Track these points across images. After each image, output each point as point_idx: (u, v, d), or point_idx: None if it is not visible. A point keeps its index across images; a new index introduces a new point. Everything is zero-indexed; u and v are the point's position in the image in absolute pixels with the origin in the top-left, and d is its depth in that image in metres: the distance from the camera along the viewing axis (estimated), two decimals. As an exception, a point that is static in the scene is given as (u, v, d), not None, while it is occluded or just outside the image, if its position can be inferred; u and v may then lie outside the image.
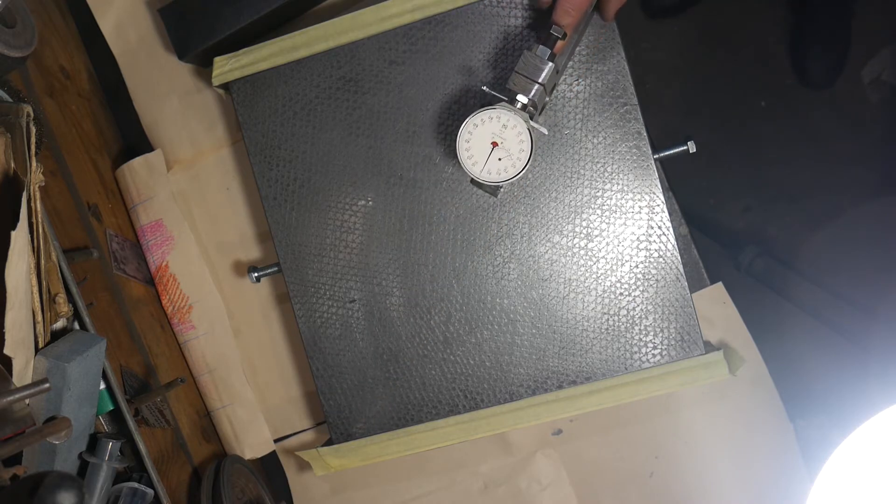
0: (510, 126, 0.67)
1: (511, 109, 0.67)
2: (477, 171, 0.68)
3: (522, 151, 0.67)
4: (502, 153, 0.67)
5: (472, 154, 0.68)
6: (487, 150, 0.68)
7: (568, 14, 0.67)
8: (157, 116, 0.94)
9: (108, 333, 0.79)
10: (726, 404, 0.89)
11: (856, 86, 1.61)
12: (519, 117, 0.67)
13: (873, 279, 1.47)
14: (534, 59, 0.66)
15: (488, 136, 0.67)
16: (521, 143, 0.67)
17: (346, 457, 0.83)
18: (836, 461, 0.64)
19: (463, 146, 0.68)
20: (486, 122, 0.67)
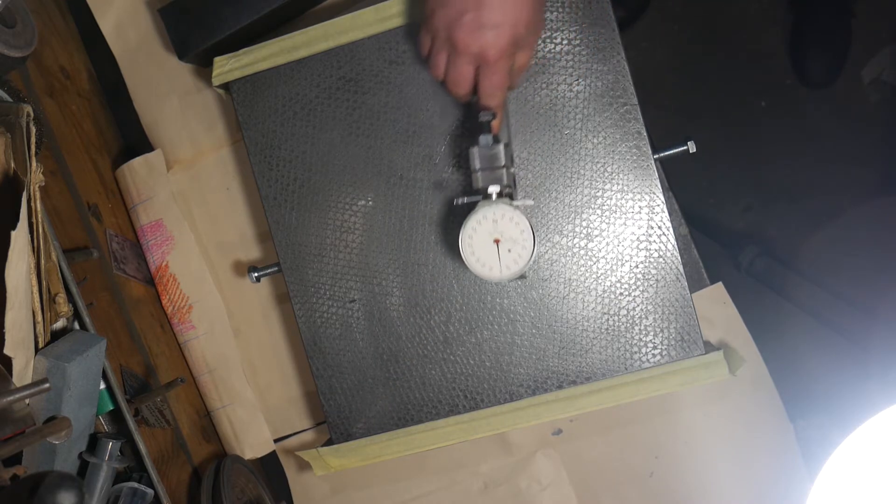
0: (500, 218, 0.68)
1: (492, 203, 0.68)
2: (497, 274, 0.69)
3: (523, 232, 0.68)
4: (508, 244, 0.68)
5: (485, 261, 0.69)
6: (494, 250, 0.69)
7: (493, 97, 0.68)
8: (157, 116, 0.94)
9: (108, 333, 0.79)
10: (726, 404, 0.89)
11: (856, 86, 1.61)
12: (503, 206, 0.68)
13: (873, 279, 1.47)
14: (483, 150, 0.67)
15: (488, 238, 0.68)
16: (517, 226, 0.68)
17: (346, 457, 0.83)
18: (836, 461, 0.64)
19: (472, 260, 0.69)
20: (478, 228, 0.68)
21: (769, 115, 1.65)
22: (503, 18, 0.63)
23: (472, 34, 0.63)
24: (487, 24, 0.62)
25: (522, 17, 0.63)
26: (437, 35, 0.67)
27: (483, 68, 0.66)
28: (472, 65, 0.66)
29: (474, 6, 0.62)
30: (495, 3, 0.62)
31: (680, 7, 1.68)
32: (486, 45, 0.64)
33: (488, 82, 0.67)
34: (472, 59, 0.65)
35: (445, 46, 0.67)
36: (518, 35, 0.64)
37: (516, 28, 0.64)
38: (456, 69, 0.67)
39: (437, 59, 0.68)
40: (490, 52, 0.64)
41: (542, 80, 0.77)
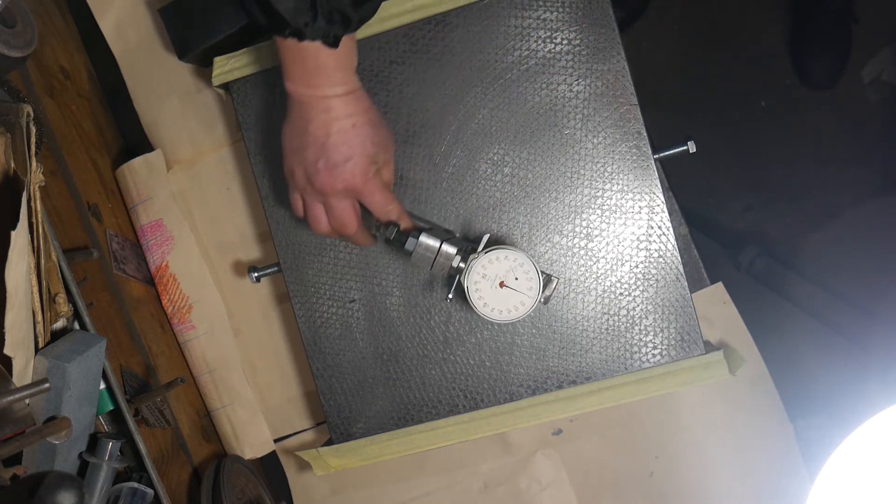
0: (487, 270, 0.71)
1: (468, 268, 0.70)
2: (521, 311, 0.71)
3: (530, 276, 0.70)
4: (510, 281, 0.71)
5: (503, 307, 0.71)
6: (502, 293, 0.71)
7: (388, 212, 0.71)
8: (157, 116, 0.94)
9: (108, 333, 0.79)
10: (726, 404, 0.89)
11: (856, 86, 1.61)
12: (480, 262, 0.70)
13: (873, 279, 1.47)
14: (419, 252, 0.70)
15: (493, 285, 0.71)
16: (526, 271, 0.70)
17: (346, 457, 0.83)
18: (836, 461, 0.64)
19: (492, 315, 0.71)
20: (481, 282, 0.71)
21: (769, 115, 1.65)
22: (352, 150, 0.65)
23: (332, 175, 0.66)
24: (339, 161, 0.65)
25: (367, 140, 0.66)
26: (305, 190, 0.69)
27: (361, 198, 0.69)
28: (348, 199, 0.69)
29: (321, 152, 0.65)
30: (338, 141, 0.65)
31: (680, 7, 1.68)
32: (347, 178, 0.66)
33: (374, 205, 0.70)
34: (342, 195, 0.68)
35: (316, 196, 0.69)
36: (371, 155, 0.67)
37: (366, 150, 0.66)
38: (335, 211, 0.69)
39: (315, 212, 0.70)
40: (355, 181, 0.67)
41: (542, 80, 0.77)
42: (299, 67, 0.63)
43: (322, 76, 0.63)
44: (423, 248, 0.70)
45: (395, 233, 0.71)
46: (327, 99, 0.64)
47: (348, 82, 0.65)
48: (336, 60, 0.63)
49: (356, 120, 0.65)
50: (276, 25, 0.60)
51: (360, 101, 0.66)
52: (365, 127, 0.66)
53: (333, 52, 0.62)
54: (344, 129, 0.65)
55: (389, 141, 0.70)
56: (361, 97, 0.66)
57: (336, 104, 0.64)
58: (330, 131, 0.65)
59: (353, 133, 0.65)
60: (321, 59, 0.62)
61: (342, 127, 0.65)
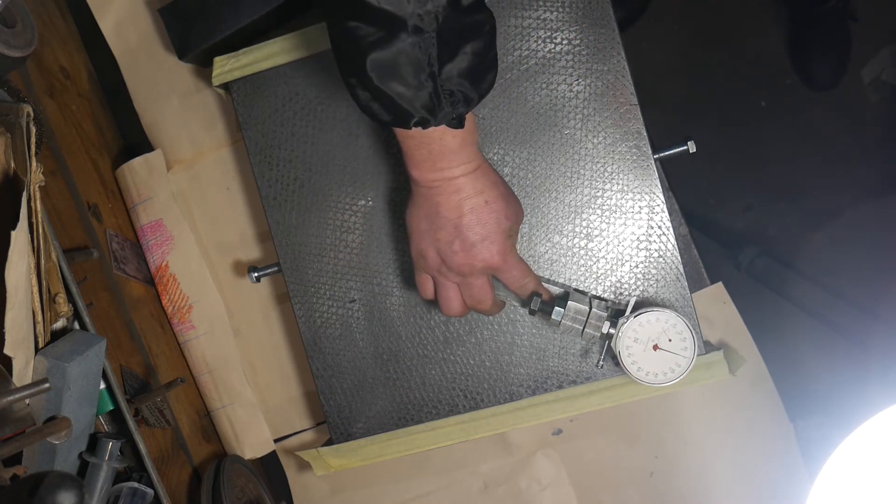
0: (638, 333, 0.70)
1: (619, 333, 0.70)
2: (678, 372, 0.70)
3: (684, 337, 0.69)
4: (664, 344, 0.70)
5: (658, 370, 0.70)
6: (656, 355, 0.70)
7: (526, 287, 0.70)
8: (157, 116, 0.94)
9: (108, 333, 0.79)
10: (726, 404, 0.89)
11: (856, 86, 1.61)
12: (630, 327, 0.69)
13: (873, 279, 1.47)
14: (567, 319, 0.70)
15: (645, 348, 0.70)
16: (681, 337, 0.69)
17: (346, 457, 0.83)
18: (836, 461, 0.64)
19: (647, 378, 0.70)
20: (633, 346, 0.70)
21: (769, 115, 1.65)
22: (487, 229, 0.64)
23: (469, 255, 0.65)
24: (476, 241, 0.64)
25: (501, 215, 0.65)
26: (439, 272, 0.68)
27: (499, 274, 0.68)
28: (484, 276, 0.68)
29: (456, 233, 0.64)
30: (473, 221, 0.64)
31: (680, 7, 1.68)
32: (486, 257, 0.65)
33: (512, 279, 0.69)
34: (480, 273, 0.67)
35: (452, 277, 0.67)
36: (507, 230, 0.66)
37: (502, 227, 0.65)
38: (473, 290, 0.68)
39: (450, 293, 0.69)
40: (493, 260, 0.65)
41: (542, 80, 0.77)
42: (424, 154, 0.61)
43: (448, 159, 0.61)
44: (570, 319, 0.70)
45: (539, 304, 0.70)
46: (455, 180, 0.62)
47: (473, 159, 0.63)
48: (461, 141, 0.61)
49: (487, 196, 0.64)
50: (400, 119, 0.58)
51: (488, 176, 0.64)
52: (497, 202, 0.64)
53: (458, 132, 0.60)
54: (477, 208, 0.63)
55: (520, 211, 0.69)
56: (488, 171, 0.65)
57: (465, 183, 0.63)
58: (463, 211, 0.63)
59: (487, 210, 0.64)
60: (446, 142, 0.60)
61: (475, 205, 0.63)
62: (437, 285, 0.69)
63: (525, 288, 0.70)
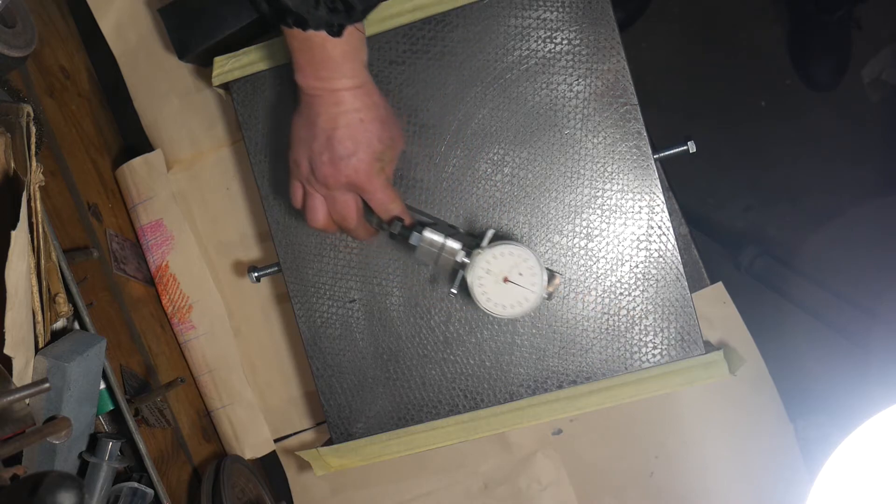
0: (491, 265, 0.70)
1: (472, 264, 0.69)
2: (525, 306, 0.70)
3: (527, 260, 0.69)
4: (514, 277, 0.70)
5: (507, 302, 0.70)
6: (506, 288, 0.70)
7: (389, 210, 0.70)
8: (157, 116, 0.94)
9: (108, 333, 0.79)
10: (726, 404, 0.89)
11: (856, 86, 1.61)
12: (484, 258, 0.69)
13: (873, 279, 1.47)
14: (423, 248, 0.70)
15: (496, 280, 0.70)
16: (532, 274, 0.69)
17: (346, 457, 0.83)
18: (836, 461, 0.64)
19: (496, 310, 0.70)
20: (485, 278, 0.70)
21: (769, 115, 1.65)
22: (356, 145, 0.65)
23: (335, 168, 0.66)
24: (344, 155, 0.65)
25: (374, 136, 0.66)
26: (308, 181, 0.69)
27: (363, 194, 0.69)
28: (350, 194, 0.69)
29: (327, 144, 0.65)
30: (344, 135, 0.65)
31: (680, 7, 1.68)
32: (350, 173, 0.66)
33: (376, 202, 0.69)
34: (345, 188, 0.68)
35: (318, 188, 0.69)
36: (377, 152, 0.67)
37: (372, 147, 0.66)
38: (337, 204, 0.69)
39: (314, 203, 0.70)
40: (359, 177, 0.67)
41: (542, 80, 0.77)
42: (307, 58, 0.63)
43: (330, 68, 0.63)
44: (427, 243, 0.70)
45: (399, 228, 0.70)
46: (336, 92, 0.64)
47: (357, 76, 0.64)
48: (343, 52, 0.62)
49: (364, 115, 0.65)
50: (278, 15, 0.60)
51: (370, 96, 0.66)
52: (373, 123, 0.66)
53: (340, 42, 0.62)
54: (351, 124, 0.65)
55: (398, 139, 0.70)
56: (371, 92, 0.66)
57: (345, 97, 0.64)
58: (337, 124, 0.65)
59: (361, 128, 0.65)
60: (328, 50, 0.62)
61: (350, 121, 0.65)
62: (306, 195, 0.70)
63: (390, 212, 0.70)
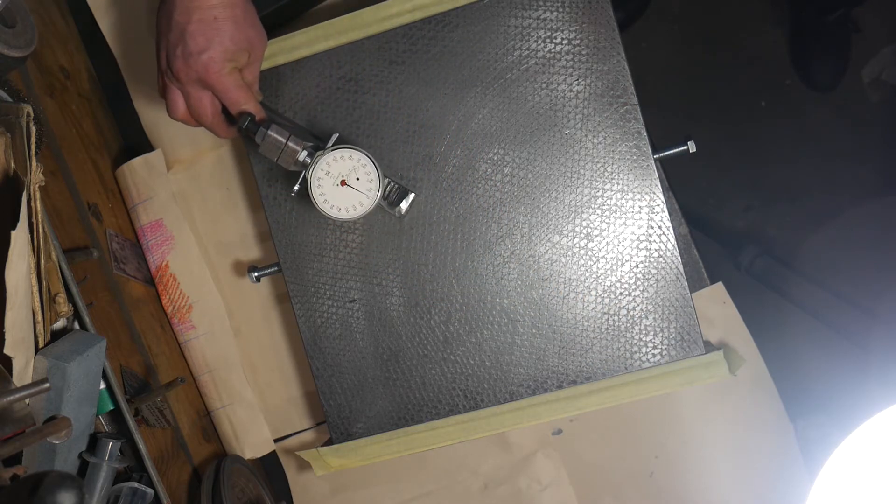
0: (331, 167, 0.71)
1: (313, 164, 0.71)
2: (360, 210, 0.72)
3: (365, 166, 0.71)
4: (352, 181, 0.72)
5: (343, 205, 0.72)
6: (343, 191, 0.72)
7: (240, 105, 0.71)
8: (157, 116, 0.94)
9: (108, 333, 0.79)
10: (726, 404, 0.89)
11: (856, 86, 1.61)
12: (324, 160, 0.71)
13: (873, 279, 1.47)
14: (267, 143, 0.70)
15: (335, 182, 0.72)
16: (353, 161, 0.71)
17: (346, 457, 0.83)
18: (836, 461, 0.64)
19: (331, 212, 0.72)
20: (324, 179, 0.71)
21: (769, 115, 1.65)
22: (208, 42, 0.66)
23: (186, 63, 0.67)
24: (195, 51, 0.66)
25: (226, 36, 0.66)
26: (165, 74, 0.70)
27: (214, 92, 0.70)
28: (203, 90, 0.69)
29: (181, 38, 0.66)
30: (197, 30, 0.66)
31: (679, 7, 1.68)
32: (199, 70, 0.67)
33: (228, 101, 0.70)
34: (196, 84, 0.69)
35: (174, 82, 0.70)
36: (229, 52, 0.67)
37: (223, 46, 0.66)
38: (191, 100, 0.70)
39: (172, 96, 0.71)
40: (208, 75, 0.67)
41: (542, 80, 0.77)
42: None
43: None
44: (270, 140, 0.71)
45: (247, 122, 0.71)
46: None
47: None
48: None
49: (218, 13, 0.66)
50: None
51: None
52: (226, 23, 0.66)
53: None
54: (204, 20, 0.66)
55: (256, 41, 0.70)
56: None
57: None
58: (191, 19, 0.66)
59: (213, 26, 0.66)
60: None
61: (203, 17, 0.65)
62: (165, 87, 0.71)
63: (239, 106, 0.71)
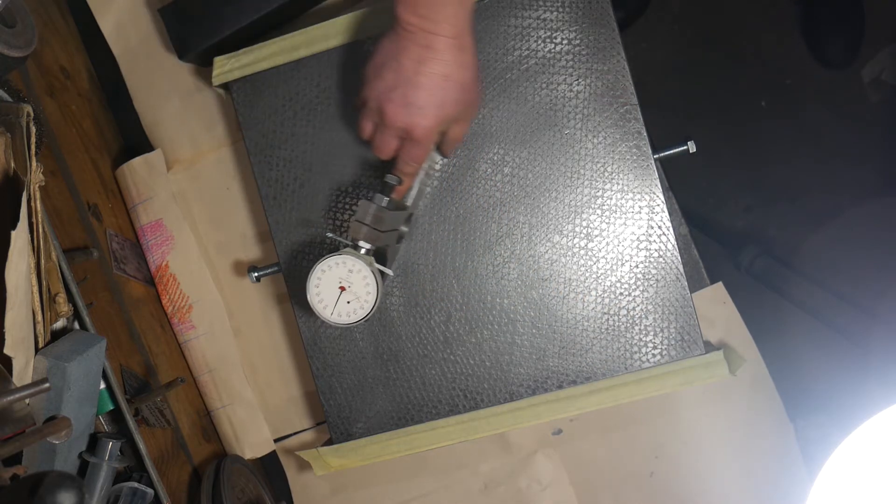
0: (355, 271, 0.68)
1: (355, 255, 0.68)
2: (327, 314, 0.69)
3: (369, 294, 0.68)
4: (350, 296, 0.68)
5: (322, 298, 0.69)
6: (336, 294, 0.68)
7: (409, 166, 0.69)
8: (157, 116, 0.94)
9: (108, 333, 0.79)
10: (726, 404, 0.89)
11: (856, 86, 1.61)
12: (363, 262, 0.68)
13: (873, 279, 1.47)
14: (372, 207, 0.68)
15: (336, 281, 0.68)
16: (366, 286, 0.68)
17: (346, 457, 0.83)
18: (836, 461, 0.64)
19: (313, 291, 0.69)
20: (333, 268, 0.68)
21: (769, 115, 1.65)
22: (430, 100, 0.63)
23: (399, 110, 0.64)
24: (414, 103, 0.63)
25: (450, 99, 0.64)
26: (369, 103, 0.67)
27: (406, 140, 0.68)
28: (398, 137, 0.68)
29: (404, 83, 0.63)
30: (424, 84, 0.63)
31: (680, 7, 1.68)
32: (411, 123, 0.65)
33: (407, 154, 0.69)
34: (397, 132, 0.67)
35: (375, 116, 0.68)
36: (446, 116, 0.65)
37: (443, 109, 0.64)
38: (382, 138, 0.68)
39: (365, 123, 0.69)
40: (415, 131, 0.65)
41: (542, 80, 0.77)
42: None
43: (432, 7, 0.60)
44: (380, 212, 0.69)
45: (393, 183, 0.69)
46: (431, 35, 0.61)
47: (457, 23, 0.61)
48: None
49: (450, 72, 0.62)
50: None
51: (465, 54, 0.63)
52: (455, 85, 0.63)
53: None
54: (435, 76, 0.62)
55: (474, 107, 0.68)
56: (465, 47, 0.63)
57: (438, 44, 0.61)
58: (420, 70, 0.62)
59: (441, 86, 0.63)
60: None
61: (434, 73, 0.62)
62: (365, 108, 0.69)
63: (407, 166, 0.69)
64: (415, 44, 0.62)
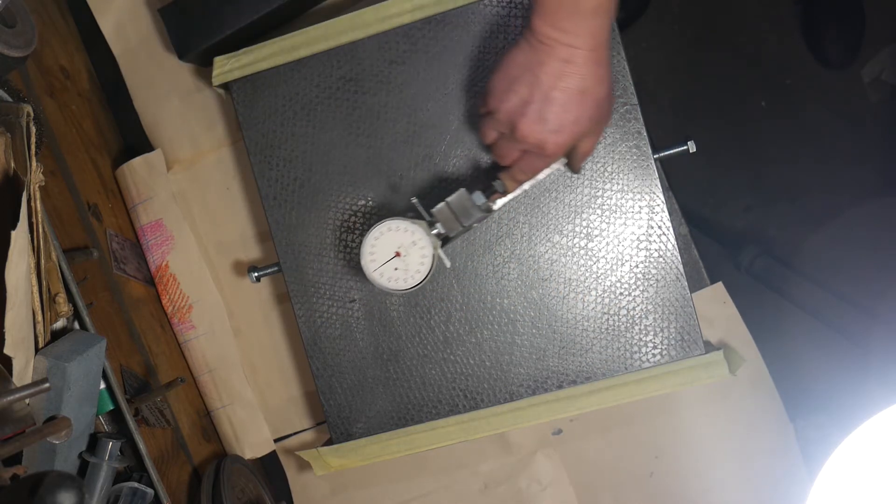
0: (419, 245, 0.68)
1: (426, 231, 0.68)
2: (372, 268, 0.69)
3: (418, 272, 0.68)
4: (400, 264, 0.68)
5: (375, 252, 0.69)
6: (389, 256, 0.69)
7: (524, 174, 0.69)
8: (157, 116, 0.94)
9: (108, 333, 0.79)
10: (726, 404, 0.89)
11: (856, 86, 1.61)
12: (430, 240, 0.68)
13: (873, 279, 1.47)
14: (468, 201, 0.67)
15: (396, 244, 0.68)
16: (421, 263, 0.68)
17: (346, 457, 0.83)
18: (836, 461, 0.64)
19: (371, 241, 0.69)
20: (400, 231, 0.68)
21: (769, 115, 1.64)
22: (565, 117, 0.61)
23: (534, 126, 0.62)
24: (550, 120, 0.61)
25: (585, 115, 0.62)
26: (499, 118, 0.65)
27: (535, 156, 0.66)
28: (524, 153, 0.66)
29: (540, 98, 0.61)
30: (560, 100, 0.60)
31: (680, 7, 1.68)
32: (545, 141, 0.63)
33: (528, 164, 0.68)
34: (528, 147, 0.65)
35: (503, 127, 0.65)
36: (580, 132, 0.63)
37: (578, 126, 0.62)
38: (508, 147, 0.67)
39: (489, 131, 0.68)
40: (548, 147, 0.63)
41: (542, 80, 0.77)
42: (555, 3, 0.58)
43: (574, 21, 0.58)
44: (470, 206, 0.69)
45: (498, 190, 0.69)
46: (570, 48, 0.59)
47: (599, 36, 0.59)
48: (595, 6, 0.57)
49: (589, 87, 0.60)
50: None
51: (602, 68, 0.61)
52: (592, 101, 0.61)
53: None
54: (572, 90, 0.60)
55: (605, 121, 0.66)
56: (602, 60, 0.60)
57: (578, 58, 0.59)
58: (558, 86, 0.60)
59: (579, 102, 0.61)
60: (580, 2, 0.57)
61: (572, 86, 0.60)
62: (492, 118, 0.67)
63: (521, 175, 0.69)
64: (553, 58, 0.60)
